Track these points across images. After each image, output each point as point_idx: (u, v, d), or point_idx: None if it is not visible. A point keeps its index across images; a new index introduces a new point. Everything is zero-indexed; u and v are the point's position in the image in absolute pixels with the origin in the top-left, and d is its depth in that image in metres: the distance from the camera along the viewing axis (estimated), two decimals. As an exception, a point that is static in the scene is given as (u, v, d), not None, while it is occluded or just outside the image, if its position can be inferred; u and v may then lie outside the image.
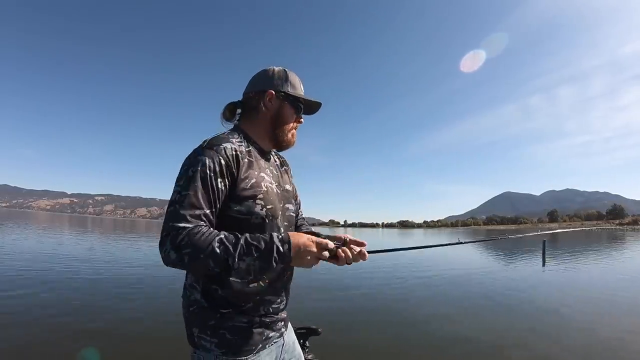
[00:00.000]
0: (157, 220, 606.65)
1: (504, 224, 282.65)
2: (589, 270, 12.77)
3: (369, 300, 7.19)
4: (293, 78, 1.29)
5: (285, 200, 1.28)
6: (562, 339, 4.86)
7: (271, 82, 1.26)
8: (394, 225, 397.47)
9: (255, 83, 1.27)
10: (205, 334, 1.10)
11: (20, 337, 4.27)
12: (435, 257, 18.50)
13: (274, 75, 1.26)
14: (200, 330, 1.10)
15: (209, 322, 1.10)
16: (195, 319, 1.12)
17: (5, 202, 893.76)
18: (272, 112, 1.25)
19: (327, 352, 3.78)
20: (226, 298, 1.10)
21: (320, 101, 1.32)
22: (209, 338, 1.09)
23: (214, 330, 1.09)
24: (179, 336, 1.21)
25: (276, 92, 1.25)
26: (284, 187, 1.31)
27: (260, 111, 1.25)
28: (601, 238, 43.93)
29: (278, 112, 1.26)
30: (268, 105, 1.25)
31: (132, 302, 6.28)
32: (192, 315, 1.13)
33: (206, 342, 1.09)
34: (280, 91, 1.25)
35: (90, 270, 9.38)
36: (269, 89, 1.24)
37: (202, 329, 1.10)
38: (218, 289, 1.10)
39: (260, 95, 1.25)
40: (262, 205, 1.12)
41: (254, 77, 1.29)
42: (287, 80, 1.27)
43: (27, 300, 5.98)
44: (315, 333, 1.41)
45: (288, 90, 1.26)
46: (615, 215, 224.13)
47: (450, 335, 4.95)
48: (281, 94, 1.25)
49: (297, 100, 1.28)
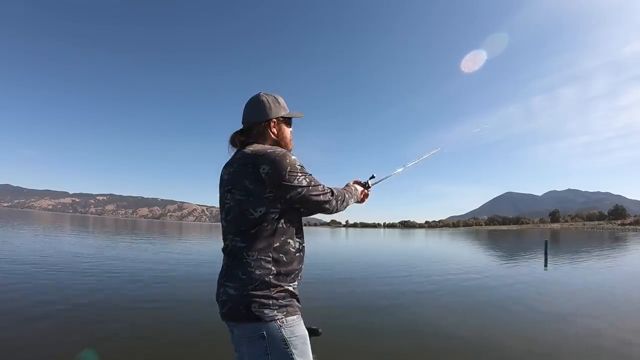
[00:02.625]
0: (158, 220, 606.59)
1: (506, 224, 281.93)
2: (592, 272, 12.72)
3: (369, 300, 7.16)
4: (282, 101, 1.64)
5: None
6: (564, 339, 4.83)
7: (271, 112, 1.58)
8: (396, 226, 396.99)
9: (257, 115, 1.58)
10: (267, 307, 1.33)
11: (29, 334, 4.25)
12: (436, 257, 18.48)
13: (271, 105, 1.59)
14: (260, 304, 1.33)
15: (272, 293, 1.35)
16: (257, 293, 1.34)
17: (6, 201, 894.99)
18: (278, 135, 1.61)
19: (327, 353, 3.74)
20: (287, 263, 1.43)
21: (303, 114, 1.72)
22: (273, 309, 1.33)
23: (276, 300, 1.35)
24: (181, 341, 1.07)
25: (277, 119, 1.61)
26: None
27: (268, 136, 1.58)
28: (603, 238, 43.81)
29: (282, 133, 1.63)
30: (274, 131, 1.59)
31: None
32: (254, 290, 1.35)
33: (270, 312, 1.33)
34: (279, 117, 1.61)
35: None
36: (273, 117, 1.59)
37: (263, 303, 1.33)
38: (283, 256, 1.41)
39: (265, 124, 1.58)
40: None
41: (254, 109, 1.59)
42: (280, 105, 1.62)
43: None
44: (315, 333, 1.46)
45: (283, 115, 1.62)
46: (617, 216, 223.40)
47: (450, 336, 4.91)
48: (280, 118, 1.62)
49: (290, 118, 1.67)
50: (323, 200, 1.49)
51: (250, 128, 1.59)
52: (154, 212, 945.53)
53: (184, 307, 6.11)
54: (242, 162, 1.45)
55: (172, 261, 12.68)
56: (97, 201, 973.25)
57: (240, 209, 1.42)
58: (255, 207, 1.40)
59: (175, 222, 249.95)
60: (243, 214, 1.41)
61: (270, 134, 1.59)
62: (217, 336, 3.94)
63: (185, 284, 8.27)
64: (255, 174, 1.40)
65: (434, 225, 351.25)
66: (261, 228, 1.39)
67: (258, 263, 1.38)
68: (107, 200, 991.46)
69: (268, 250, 1.39)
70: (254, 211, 1.40)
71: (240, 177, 1.44)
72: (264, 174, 1.38)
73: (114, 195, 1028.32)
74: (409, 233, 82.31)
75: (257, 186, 1.40)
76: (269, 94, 1.61)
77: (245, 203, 1.41)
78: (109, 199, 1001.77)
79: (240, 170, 1.44)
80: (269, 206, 1.41)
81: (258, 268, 1.37)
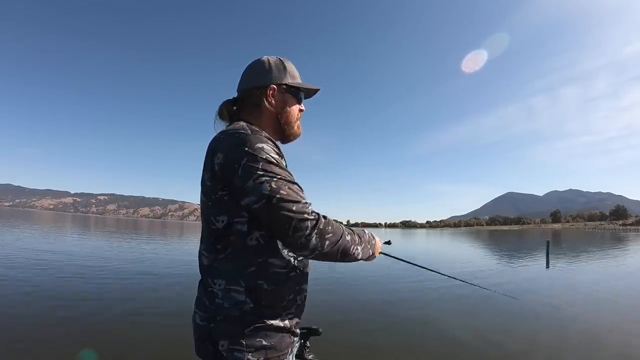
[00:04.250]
0: (159, 219, 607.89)
1: (507, 224, 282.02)
2: (593, 272, 12.70)
3: (370, 300, 7.15)
4: (290, 67, 1.23)
5: None
6: (564, 339, 4.82)
7: (271, 76, 1.18)
8: (397, 225, 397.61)
9: (253, 78, 1.19)
10: (239, 344, 0.97)
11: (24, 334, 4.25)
12: (437, 257, 18.48)
13: (271, 68, 1.19)
14: (232, 341, 0.97)
15: (245, 330, 0.98)
16: (227, 328, 0.99)
17: (8, 201, 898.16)
18: (277, 107, 1.19)
19: (327, 353, 3.74)
20: (272, 292, 1.02)
21: (319, 87, 1.27)
22: (246, 347, 0.97)
23: (251, 339, 0.98)
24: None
25: (278, 86, 1.18)
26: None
27: (263, 108, 1.17)
28: (605, 239, 43.76)
29: (283, 106, 1.20)
30: (271, 101, 1.17)
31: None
32: (222, 324, 1.00)
33: (240, 354, 0.96)
34: (282, 84, 1.19)
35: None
36: (270, 83, 1.17)
37: (235, 338, 0.98)
38: (264, 283, 1.01)
39: (261, 91, 1.17)
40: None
41: (250, 71, 1.21)
42: (286, 71, 1.21)
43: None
44: (315, 333, 1.40)
45: (289, 82, 1.20)
46: (618, 216, 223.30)
47: (451, 336, 4.90)
48: (283, 87, 1.19)
49: (298, 90, 1.23)
50: (295, 225, 0.93)
51: (242, 97, 1.20)
52: (155, 211, 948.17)
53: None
54: (209, 147, 1.06)
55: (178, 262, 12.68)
56: (98, 201, 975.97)
57: (204, 215, 1.07)
58: (216, 213, 1.02)
59: (177, 222, 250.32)
60: (207, 222, 1.05)
61: (266, 104, 1.17)
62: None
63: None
64: (211, 165, 1.02)
65: (435, 225, 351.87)
66: (228, 244, 1.01)
67: (227, 295, 1.01)
68: (108, 200, 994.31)
69: (239, 278, 1.00)
70: (215, 219, 1.02)
71: (203, 170, 1.07)
72: (217, 165, 0.99)
73: (115, 195, 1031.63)
74: (410, 233, 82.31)
75: (213, 184, 1.02)
76: (276, 58, 1.23)
77: (206, 207, 1.05)
78: (110, 198, 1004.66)
79: (205, 159, 1.05)
80: (231, 214, 1.00)
81: (227, 300, 1.01)
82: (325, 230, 0.96)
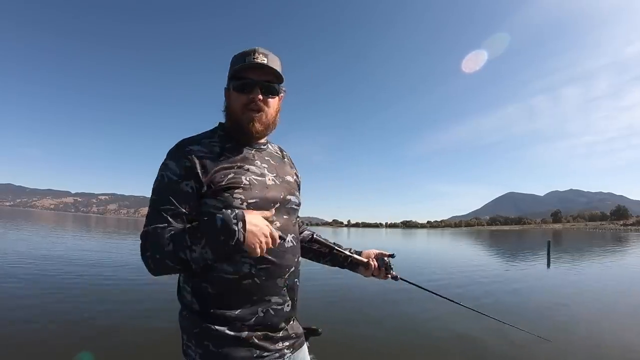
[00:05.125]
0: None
1: (508, 224, 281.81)
2: (594, 272, 12.65)
3: (370, 300, 7.12)
4: (235, 59, 1.14)
5: (285, 191, 1.18)
6: (566, 340, 4.78)
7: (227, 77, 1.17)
8: (398, 226, 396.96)
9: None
10: (191, 342, 1.01)
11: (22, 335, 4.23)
12: (439, 257, 18.45)
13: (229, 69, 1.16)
14: (187, 337, 1.02)
15: (194, 330, 1.00)
16: (185, 324, 1.04)
17: (8, 201, 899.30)
18: (227, 107, 1.17)
19: (328, 353, 3.72)
20: (218, 296, 1.01)
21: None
22: (194, 348, 1.00)
23: (199, 340, 0.99)
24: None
25: (227, 86, 1.17)
26: (284, 177, 1.22)
27: (226, 109, 1.18)
28: (605, 239, 43.69)
29: (228, 105, 1.17)
30: (226, 102, 1.18)
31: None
32: (183, 320, 1.05)
33: (192, 352, 1.00)
34: (228, 81, 1.16)
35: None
36: (226, 86, 1.17)
37: (189, 336, 1.02)
38: (208, 287, 1.01)
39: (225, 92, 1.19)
40: (242, 199, 1.03)
41: None
42: (230, 67, 1.15)
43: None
44: (315, 333, 1.40)
45: (229, 76, 1.15)
46: (619, 216, 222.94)
47: (452, 336, 4.87)
48: (230, 84, 1.16)
49: (233, 78, 1.13)
50: (142, 235, 0.98)
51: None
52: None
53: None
54: None
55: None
56: (99, 200, 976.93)
57: None
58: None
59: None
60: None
61: (224, 106, 1.20)
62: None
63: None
64: None
65: (435, 226, 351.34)
66: None
67: (181, 293, 1.08)
68: (109, 199, 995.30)
69: (188, 278, 1.05)
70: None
71: None
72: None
73: (116, 195, 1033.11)
74: (411, 233, 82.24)
75: None
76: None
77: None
78: (111, 198, 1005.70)
79: None
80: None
81: (182, 298, 1.07)
82: (143, 248, 0.95)
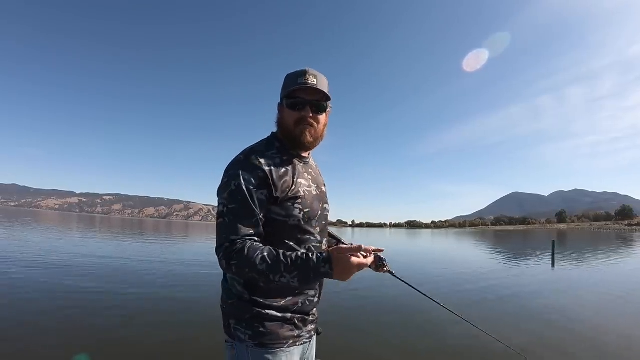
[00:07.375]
0: (164, 219, 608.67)
1: (512, 224, 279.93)
2: (598, 272, 12.58)
3: (371, 300, 7.13)
4: (288, 79, 1.27)
5: (323, 201, 1.35)
6: (570, 339, 4.79)
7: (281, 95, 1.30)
8: (402, 226, 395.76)
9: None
10: (241, 325, 1.18)
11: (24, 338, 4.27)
12: (440, 257, 18.42)
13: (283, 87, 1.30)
14: (236, 322, 1.19)
15: (245, 315, 1.18)
16: (234, 311, 1.21)
17: (14, 201, 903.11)
18: (278, 123, 1.32)
19: (328, 353, 3.74)
20: (267, 290, 1.19)
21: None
22: (244, 330, 1.18)
23: (250, 323, 1.17)
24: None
25: (280, 103, 1.31)
26: (321, 188, 1.38)
27: (279, 122, 1.32)
28: (610, 239, 43.35)
29: (281, 120, 1.30)
30: (279, 116, 1.32)
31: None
32: (231, 307, 1.22)
33: (241, 334, 1.18)
34: (281, 98, 1.30)
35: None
36: (280, 102, 1.31)
37: (238, 320, 1.19)
38: (260, 281, 1.16)
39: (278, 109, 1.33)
40: (300, 208, 1.22)
41: None
42: (284, 87, 1.28)
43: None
44: (316, 333, 1.43)
45: (283, 95, 1.28)
46: (624, 216, 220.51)
47: (454, 337, 4.87)
48: (282, 101, 1.29)
49: (287, 97, 1.26)
50: (218, 244, 1.15)
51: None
52: (160, 211, 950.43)
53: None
54: None
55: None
56: (103, 201, 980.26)
57: None
58: None
59: (182, 222, 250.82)
60: None
61: (276, 120, 1.35)
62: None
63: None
64: None
65: (440, 226, 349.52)
66: None
67: (232, 284, 1.25)
68: (114, 200, 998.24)
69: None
70: None
71: None
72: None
73: (121, 195, 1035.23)
74: (415, 233, 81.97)
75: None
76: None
77: None
78: (116, 198, 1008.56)
79: None
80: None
81: (234, 288, 1.25)
82: (232, 260, 1.09)
